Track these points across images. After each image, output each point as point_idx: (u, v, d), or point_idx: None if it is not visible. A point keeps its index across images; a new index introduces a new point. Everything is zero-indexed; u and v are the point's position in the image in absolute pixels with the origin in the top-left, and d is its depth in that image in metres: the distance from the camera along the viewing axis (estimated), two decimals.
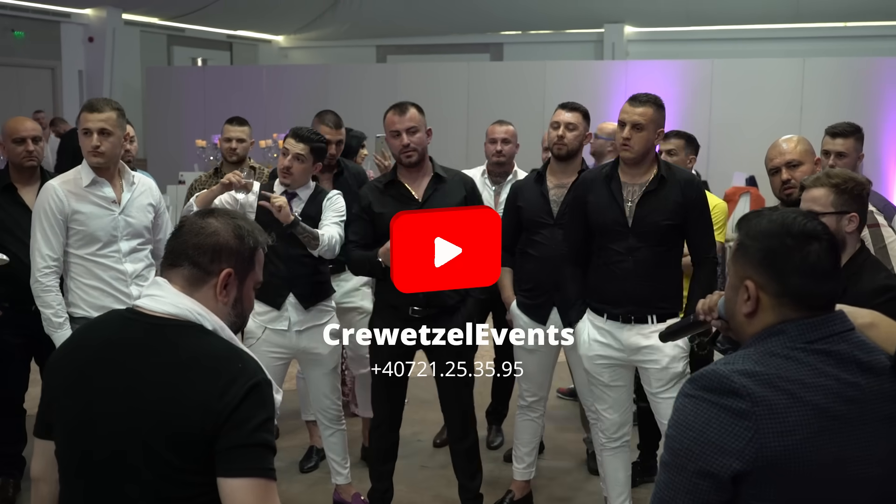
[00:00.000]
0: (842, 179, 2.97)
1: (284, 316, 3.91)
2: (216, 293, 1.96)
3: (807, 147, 3.65)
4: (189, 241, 1.96)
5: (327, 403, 4.12)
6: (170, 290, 1.94)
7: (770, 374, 1.62)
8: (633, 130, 3.53)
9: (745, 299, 1.73)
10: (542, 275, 3.94)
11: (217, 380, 1.81)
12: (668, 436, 1.66)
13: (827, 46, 14.35)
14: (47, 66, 14.36)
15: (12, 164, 4.14)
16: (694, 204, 3.59)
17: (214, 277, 1.95)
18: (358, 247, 3.86)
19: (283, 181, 3.90)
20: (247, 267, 2.00)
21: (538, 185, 4.00)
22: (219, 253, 1.95)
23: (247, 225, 2.02)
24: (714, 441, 1.58)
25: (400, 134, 3.77)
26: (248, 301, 2.04)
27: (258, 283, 2.06)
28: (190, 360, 1.85)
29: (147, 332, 1.90)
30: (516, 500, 4.27)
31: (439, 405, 4.03)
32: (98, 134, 3.50)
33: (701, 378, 1.66)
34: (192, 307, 1.91)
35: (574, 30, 16.51)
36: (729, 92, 11.80)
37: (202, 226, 1.97)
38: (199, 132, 12.09)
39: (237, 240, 1.97)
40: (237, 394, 1.80)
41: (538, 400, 4.19)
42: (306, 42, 18.44)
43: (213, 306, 1.95)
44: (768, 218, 1.75)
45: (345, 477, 4.24)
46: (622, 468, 3.89)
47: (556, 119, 3.99)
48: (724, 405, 1.59)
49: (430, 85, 12.53)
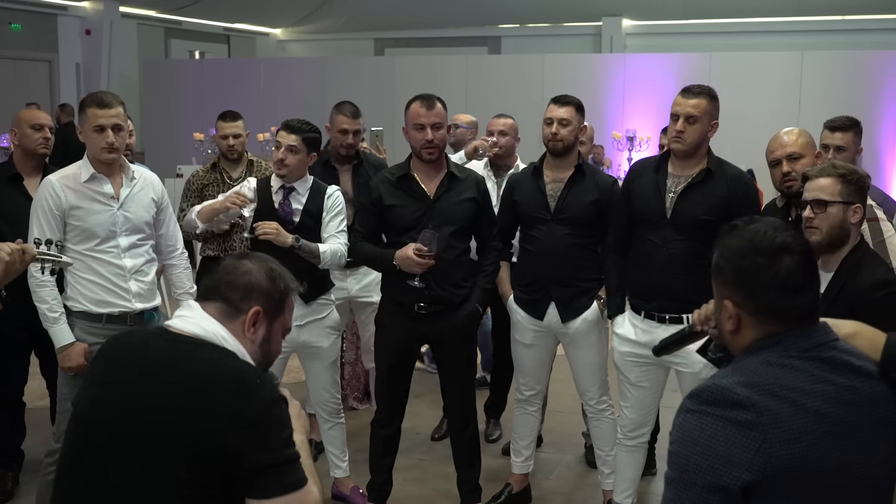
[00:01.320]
0: (847, 170, 2.98)
1: None
2: (244, 329, 2.03)
3: (808, 140, 3.64)
4: (222, 278, 2.06)
5: (326, 397, 4.12)
6: (199, 312, 2.02)
7: (770, 383, 1.62)
8: (687, 123, 3.48)
9: (728, 317, 1.73)
10: (540, 270, 3.94)
11: (237, 397, 1.85)
12: (673, 452, 1.63)
13: (825, 40, 14.36)
14: (44, 58, 14.34)
15: (25, 151, 4.15)
16: (740, 201, 3.49)
17: (244, 315, 2.03)
18: (363, 237, 3.86)
19: (278, 174, 3.90)
20: (277, 309, 2.08)
21: (535, 180, 3.98)
22: (250, 292, 2.04)
23: (279, 269, 2.11)
24: (722, 454, 1.56)
25: (424, 128, 3.73)
26: (275, 344, 2.11)
27: (287, 330, 2.13)
28: (210, 375, 1.89)
29: (170, 348, 1.96)
30: (514, 493, 4.27)
31: (436, 399, 4.04)
32: (112, 130, 3.49)
33: (702, 392, 1.64)
34: (217, 330, 1.98)
35: (572, 23, 16.50)
36: (727, 85, 11.73)
37: (236, 265, 2.08)
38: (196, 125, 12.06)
39: (269, 281, 2.06)
40: (258, 410, 1.85)
41: (535, 394, 4.20)
42: (304, 35, 18.41)
43: (247, 345, 2.03)
44: (739, 236, 1.74)
45: (343, 470, 4.25)
46: (633, 466, 3.91)
47: (550, 115, 3.94)
48: (729, 417, 1.58)
49: (427, 78, 12.51)
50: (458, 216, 3.79)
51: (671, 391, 3.92)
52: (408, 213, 3.78)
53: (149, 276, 3.65)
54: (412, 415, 4.63)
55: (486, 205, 3.89)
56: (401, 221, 3.78)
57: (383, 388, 3.98)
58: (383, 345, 3.91)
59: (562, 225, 3.88)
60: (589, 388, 4.05)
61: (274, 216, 3.89)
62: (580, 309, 3.91)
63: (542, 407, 4.42)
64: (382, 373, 3.96)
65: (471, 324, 3.88)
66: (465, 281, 3.85)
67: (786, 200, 3.66)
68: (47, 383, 4.37)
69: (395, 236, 3.81)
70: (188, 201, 4.84)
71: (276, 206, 3.91)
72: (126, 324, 3.55)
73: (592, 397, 4.06)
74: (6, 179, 4.13)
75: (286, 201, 3.92)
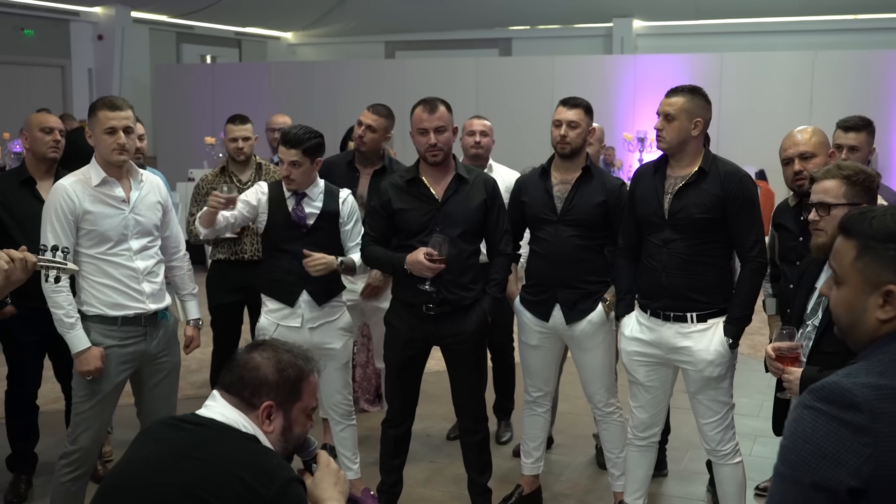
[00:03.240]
0: (853, 171, 2.97)
1: (297, 313, 3.96)
2: (262, 426, 2.09)
3: (821, 139, 3.64)
4: (236, 374, 2.12)
5: (339, 399, 4.14)
6: (222, 402, 2.10)
7: (895, 386, 1.56)
8: (665, 121, 3.53)
9: (881, 304, 1.66)
10: (546, 271, 3.94)
11: (252, 480, 1.91)
12: (785, 447, 1.59)
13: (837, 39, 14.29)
14: (57, 64, 14.41)
15: (35, 154, 4.18)
16: (734, 198, 3.50)
17: (257, 410, 2.08)
18: (373, 241, 3.88)
19: (288, 188, 3.98)
20: (291, 397, 2.12)
21: (542, 181, 3.99)
22: (259, 387, 2.09)
23: (291, 357, 2.14)
24: (831, 455, 1.52)
25: (427, 132, 3.75)
26: (298, 427, 2.15)
27: (310, 409, 2.17)
28: (226, 458, 1.96)
29: (196, 428, 2.05)
30: (525, 494, 4.28)
31: (447, 400, 4.05)
32: (123, 132, 3.52)
33: (822, 389, 1.59)
34: (238, 419, 2.06)
35: (583, 24, 16.48)
36: (738, 86, 11.78)
37: (246, 360, 2.13)
38: (208, 129, 12.13)
39: (277, 374, 2.10)
40: (276, 489, 1.91)
41: (543, 395, 4.19)
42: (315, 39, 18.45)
43: (264, 437, 2.08)
44: (891, 217, 1.68)
45: (355, 472, 4.26)
46: (644, 466, 3.91)
47: (558, 117, 3.93)
48: (843, 419, 1.53)
49: (438, 81, 12.54)
50: (466, 219, 3.80)
51: (680, 392, 3.92)
52: (416, 217, 3.79)
53: (159, 277, 3.68)
54: (423, 416, 4.64)
55: (495, 206, 3.90)
56: (410, 225, 3.80)
57: (394, 388, 3.99)
58: (393, 345, 3.93)
59: (568, 226, 3.89)
60: (596, 391, 4.05)
61: (288, 220, 3.96)
62: (585, 311, 3.92)
63: (553, 408, 4.43)
64: (392, 373, 3.98)
65: (479, 331, 3.89)
66: (474, 284, 3.86)
67: (798, 199, 3.66)
68: (62, 387, 4.40)
69: (404, 239, 3.83)
70: (198, 205, 4.86)
71: (290, 210, 3.96)
72: (140, 324, 3.58)
73: (600, 400, 4.06)
74: (19, 183, 4.16)
75: (299, 206, 3.97)
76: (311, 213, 3.96)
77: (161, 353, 3.68)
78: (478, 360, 3.95)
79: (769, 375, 3.08)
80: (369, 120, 4.58)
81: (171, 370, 3.74)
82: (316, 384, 2.19)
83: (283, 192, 4.00)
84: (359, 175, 4.64)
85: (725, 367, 3.60)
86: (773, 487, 1.61)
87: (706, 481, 4.44)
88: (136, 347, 3.58)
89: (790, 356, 2.85)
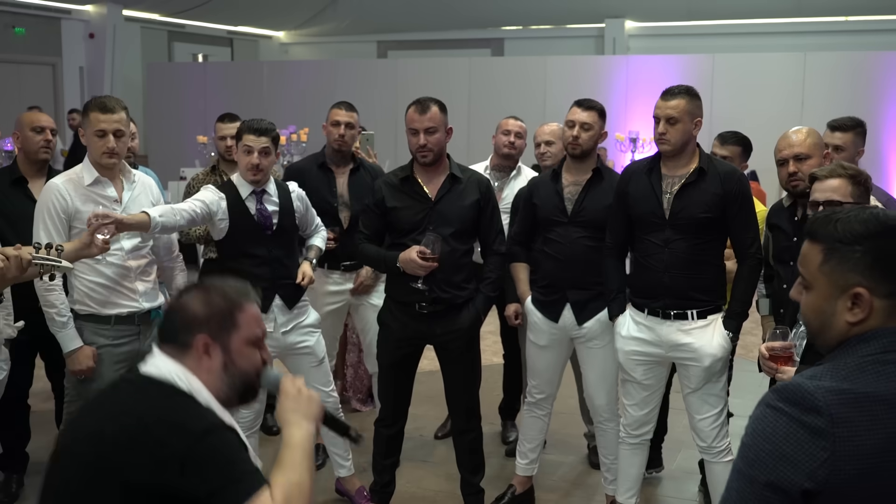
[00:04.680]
0: (855, 171, 3.00)
1: (270, 318, 3.83)
2: (201, 363, 2.01)
3: (816, 140, 3.65)
4: (168, 321, 2.08)
5: (322, 396, 4.03)
6: (158, 355, 2.03)
7: (857, 391, 1.57)
8: (668, 124, 3.53)
9: (850, 307, 1.65)
10: (558, 272, 3.95)
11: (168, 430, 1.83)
12: (745, 444, 1.61)
13: (828, 41, 14.34)
14: (48, 62, 14.37)
15: (27, 154, 4.16)
16: (734, 197, 3.54)
17: (192, 348, 2.01)
18: (367, 239, 3.88)
19: (253, 179, 3.81)
20: (225, 329, 2.04)
21: (554, 183, 3.99)
22: (188, 325, 2.02)
23: (220, 290, 2.07)
24: (788, 456, 1.53)
25: (418, 133, 3.75)
26: (243, 360, 2.06)
27: (253, 340, 2.08)
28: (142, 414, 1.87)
29: (126, 386, 2.00)
30: (517, 494, 4.28)
31: (440, 400, 4.05)
32: (113, 135, 3.50)
33: (785, 390, 1.60)
34: (172, 369, 1.98)
35: (575, 25, 16.50)
36: (730, 87, 11.80)
37: (174, 304, 2.09)
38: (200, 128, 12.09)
39: (205, 307, 2.03)
40: (188, 441, 1.82)
41: (546, 397, 4.18)
42: (307, 38, 18.43)
43: (203, 374, 2.00)
44: (855, 219, 1.67)
45: (347, 469, 4.25)
46: (636, 465, 3.92)
47: (572, 118, 3.93)
48: (804, 421, 1.54)
49: (430, 80, 12.53)
50: (459, 218, 3.80)
51: (677, 392, 3.93)
52: (409, 215, 3.79)
53: (152, 276, 3.68)
54: (416, 416, 4.64)
55: (488, 207, 3.90)
56: (403, 223, 3.80)
57: (386, 388, 3.99)
58: (386, 344, 3.93)
59: (578, 227, 3.89)
60: (597, 393, 4.04)
61: (251, 222, 3.82)
62: (595, 310, 3.92)
63: None
64: (385, 372, 3.97)
65: (472, 329, 3.89)
66: (467, 283, 3.86)
67: (792, 200, 3.68)
68: (52, 385, 4.39)
69: (397, 238, 3.83)
70: None
71: (254, 212, 3.83)
72: (134, 323, 3.57)
73: (599, 405, 4.06)
74: (10, 183, 4.14)
75: (262, 206, 3.86)
76: (273, 210, 3.88)
77: None
78: (471, 359, 3.95)
79: (762, 376, 3.09)
80: (348, 118, 4.57)
81: None
82: (255, 314, 2.09)
83: (239, 194, 3.84)
84: (333, 175, 4.61)
85: (725, 361, 3.63)
86: (730, 483, 1.62)
87: (698, 481, 4.45)
88: (130, 347, 3.57)
89: (784, 355, 2.86)
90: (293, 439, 2.00)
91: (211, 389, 2.00)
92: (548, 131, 4.71)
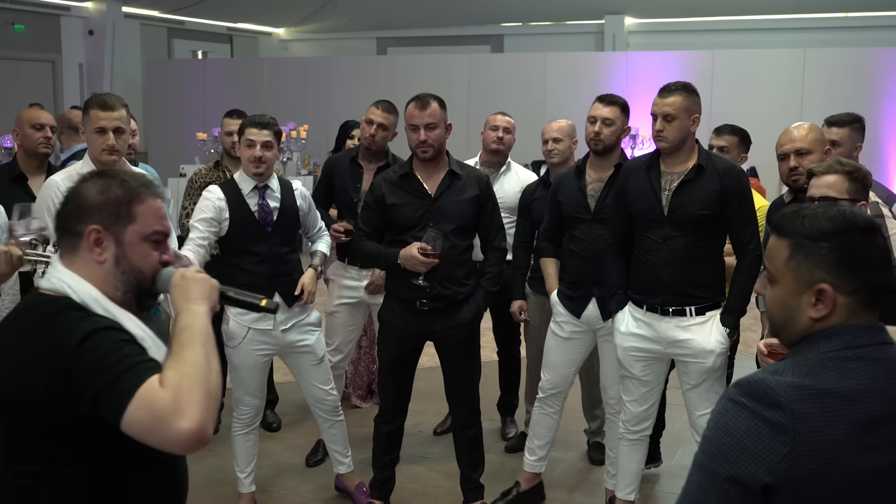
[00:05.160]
0: (853, 168, 3.00)
1: (269, 316, 3.82)
2: (91, 255, 1.89)
3: (818, 136, 3.65)
4: (61, 211, 1.94)
5: (321, 394, 4.10)
6: (56, 265, 1.91)
7: (818, 387, 1.58)
8: (665, 121, 3.53)
9: (813, 303, 1.66)
10: (582, 269, 3.95)
11: (54, 352, 1.73)
12: (707, 437, 1.62)
13: (827, 37, 14.33)
14: (47, 59, 14.35)
15: (26, 150, 4.17)
16: (732, 193, 3.54)
17: (83, 239, 1.89)
18: (366, 236, 3.88)
19: (255, 172, 3.83)
20: (119, 219, 1.90)
21: (577, 180, 3.99)
22: (81, 214, 1.90)
23: (121, 179, 1.94)
24: (749, 450, 1.55)
25: (418, 129, 3.75)
26: (137, 257, 1.92)
27: (152, 235, 1.93)
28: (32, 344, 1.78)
29: (15, 316, 1.91)
30: (523, 490, 4.27)
31: (439, 397, 4.06)
32: (113, 133, 3.50)
33: (747, 385, 1.61)
34: (64, 279, 1.87)
35: (574, 21, 16.47)
36: (729, 83, 11.79)
37: (72, 189, 1.94)
38: (199, 125, 12.09)
39: (99, 194, 1.90)
40: (69, 354, 1.72)
41: (557, 394, 4.16)
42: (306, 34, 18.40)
43: (95, 271, 1.89)
44: (823, 216, 1.68)
45: (347, 466, 4.26)
46: (636, 460, 3.92)
47: (594, 113, 3.93)
48: (765, 416, 1.55)
49: (430, 77, 12.52)
50: (458, 214, 3.80)
51: (673, 388, 3.93)
52: (409, 212, 3.79)
53: None
54: (416, 412, 4.65)
55: (488, 203, 3.90)
56: (402, 220, 3.80)
57: (387, 384, 3.99)
58: (386, 341, 3.93)
59: (601, 225, 3.88)
60: (613, 383, 4.04)
61: (251, 219, 3.84)
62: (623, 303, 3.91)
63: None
64: (385, 369, 3.98)
65: (472, 324, 3.90)
66: (468, 279, 3.87)
67: (793, 196, 3.68)
68: None
69: (397, 234, 3.83)
70: (191, 199, 4.86)
71: (255, 208, 3.85)
72: None
73: (612, 395, 4.07)
74: (10, 179, 4.15)
75: (264, 202, 3.88)
76: (274, 206, 3.89)
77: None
78: (471, 355, 3.96)
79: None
80: (381, 118, 4.55)
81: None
82: (159, 210, 1.95)
83: (240, 190, 3.87)
84: (362, 171, 4.63)
85: (724, 357, 3.64)
86: (691, 476, 1.63)
87: None
88: None
89: (782, 352, 2.86)
90: (183, 322, 1.84)
91: (103, 289, 1.88)
92: (555, 128, 4.65)
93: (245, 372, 3.93)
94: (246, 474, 4.05)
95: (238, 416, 4.02)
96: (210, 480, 4.42)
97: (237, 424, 4.02)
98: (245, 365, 3.92)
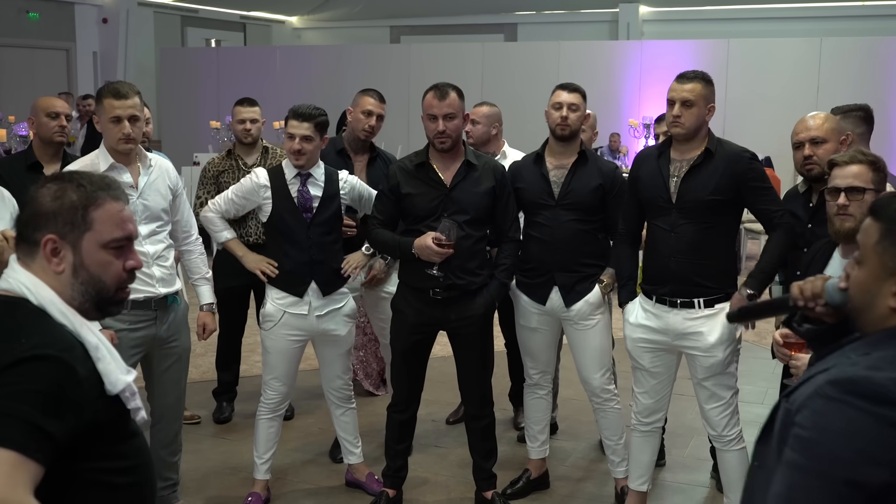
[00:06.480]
0: (875, 157, 2.98)
1: (305, 301, 3.93)
2: (49, 266, 1.82)
3: (833, 125, 3.63)
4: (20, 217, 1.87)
5: (339, 384, 4.16)
6: (14, 265, 1.84)
7: None
8: (683, 107, 3.53)
9: (894, 293, 1.61)
10: (545, 255, 3.96)
11: None
12: (807, 438, 1.54)
13: (844, 26, 14.25)
14: (62, 47, 14.41)
15: (42, 139, 4.19)
16: (744, 176, 3.54)
17: (38, 248, 1.81)
18: (381, 224, 3.89)
19: (296, 164, 3.91)
20: (75, 227, 1.82)
21: (537, 167, 4.01)
22: (36, 221, 1.82)
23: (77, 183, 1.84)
24: (867, 451, 1.49)
25: (437, 118, 3.75)
26: (96, 266, 1.84)
27: (113, 242, 1.85)
28: None
29: None
30: (532, 478, 4.29)
31: (452, 386, 4.06)
32: (128, 121, 3.52)
33: (851, 383, 1.53)
34: (23, 280, 1.80)
35: (588, 10, 16.43)
36: (745, 72, 11.74)
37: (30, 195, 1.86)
38: (212, 113, 12.13)
39: (53, 200, 1.82)
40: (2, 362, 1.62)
41: (543, 375, 4.21)
42: (320, 23, 18.41)
43: (51, 280, 1.82)
44: None
45: (357, 456, 4.27)
46: (648, 451, 3.92)
47: (558, 100, 3.98)
48: (881, 415, 1.49)
49: (444, 65, 12.50)
50: (474, 205, 3.80)
51: (684, 379, 3.93)
52: (424, 202, 3.80)
53: (169, 261, 3.68)
54: (428, 401, 4.66)
55: (504, 194, 3.90)
56: (417, 209, 3.81)
57: (400, 373, 4.00)
58: (399, 330, 3.94)
59: (566, 210, 3.91)
60: (591, 375, 4.05)
61: (291, 205, 3.92)
62: (582, 292, 3.94)
63: (554, 393, 4.45)
64: (398, 358, 3.99)
65: (486, 315, 3.91)
66: (481, 269, 3.87)
67: (807, 186, 3.66)
68: None
69: (412, 224, 3.83)
70: (205, 188, 4.87)
71: (295, 194, 3.92)
72: (151, 308, 3.57)
73: (597, 386, 4.06)
74: (26, 168, 4.17)
75: (304, 188, 3.94)
76: (316, 195, 3.94)
77: (171, 337, 3.67)
78: (484, 345, 3.96)
79: (774, 363, 3.09)
80: (379, 108, 4.53)
81: (180, 355, 3.74)
82: (119, 213, 1.86)
83: (285, 177, 3.95)
84: (352, 163, 4.59)
85: (732, 351, 3.62)
86: (791, 481, 1.54)
87: (710, 468, 4.45)
88: (147, 332, 3.58)
89: (798, 342, 2.85)
90: None
91: (63, 297, 1.81)
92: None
93: (275, 355, 3.98)
94: (263, 461, 4.07)
95: (264, 400, 4.05)
96: (223, 468, 4.44)
97: (262, 409, 4.05)
98: (276, 348, 3.96)
